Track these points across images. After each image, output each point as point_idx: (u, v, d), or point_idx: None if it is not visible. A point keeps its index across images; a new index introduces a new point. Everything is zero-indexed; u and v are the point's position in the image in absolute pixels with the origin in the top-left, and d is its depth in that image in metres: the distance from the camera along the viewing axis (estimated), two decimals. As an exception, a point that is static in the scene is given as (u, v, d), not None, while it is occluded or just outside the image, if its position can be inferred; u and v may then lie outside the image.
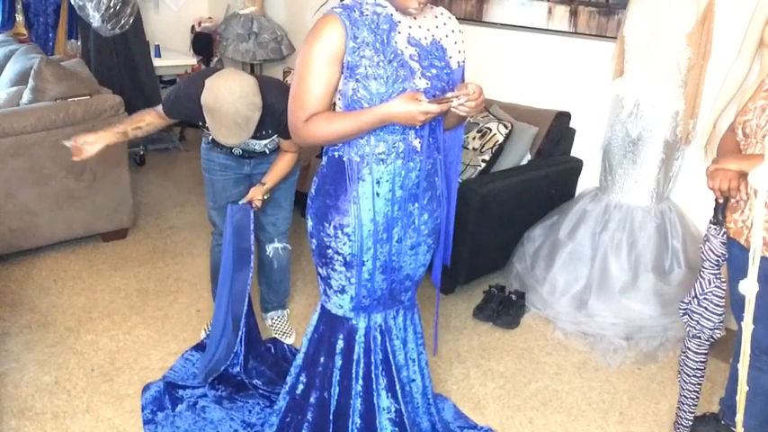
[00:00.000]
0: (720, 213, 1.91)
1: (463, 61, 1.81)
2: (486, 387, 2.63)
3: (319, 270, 1.90)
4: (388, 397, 1.95)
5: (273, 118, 2.28)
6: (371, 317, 1.90)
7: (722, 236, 1.93)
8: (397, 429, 1.97)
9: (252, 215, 2.41)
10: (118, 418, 2.33)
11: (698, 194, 3.16)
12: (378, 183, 1.74)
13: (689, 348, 2.10)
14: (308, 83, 1.65)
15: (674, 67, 2.90)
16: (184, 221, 4.03)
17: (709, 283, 1.97)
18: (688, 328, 2.07)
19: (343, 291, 1.85)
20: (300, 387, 2.01)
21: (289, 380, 2.06)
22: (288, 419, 2.06)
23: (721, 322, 2.01)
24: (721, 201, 1.89)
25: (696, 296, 2.01)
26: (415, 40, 1.68)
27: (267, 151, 2.48)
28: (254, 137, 2.32)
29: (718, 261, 1.96)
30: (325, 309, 1.93)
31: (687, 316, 2.07)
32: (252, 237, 2.40)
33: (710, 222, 1.95)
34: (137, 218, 3.91)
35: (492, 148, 3.35)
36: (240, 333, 2.41)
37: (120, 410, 2.38)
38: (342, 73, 1.65)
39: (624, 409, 2.53)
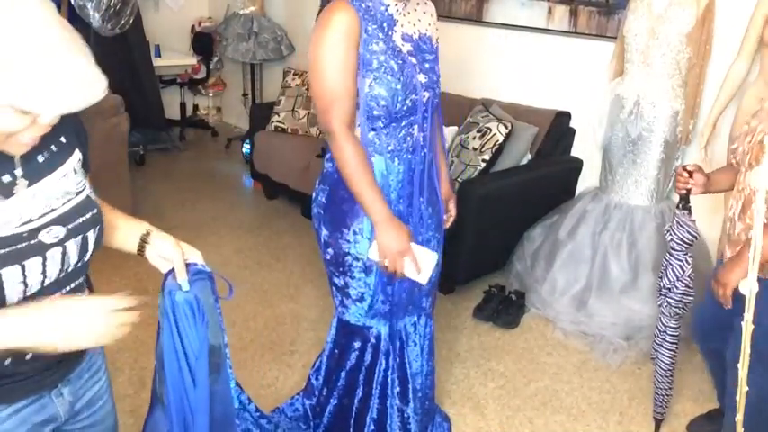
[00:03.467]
0: (685, 199, 2.07)
1: (437, 39, 1.80)
2: (486, 387, 2.63)
3: (335, 280, 1.84)
4: (399, 402, 1.94)
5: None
6: (391, 324, 1.88)
7: (690, 221, 2.05)
8: None
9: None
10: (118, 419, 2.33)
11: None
12: (390, 180, 1.73)
13: (668, 326, 2.19)
14: (332, 71, 1.57)
15: (674, 67, 2.90)
16: (184, 221, 4.03)
17: (687, 263, 2.08)
18: (670, 309, 2.16)
19: (362, 299, 1.82)
20: (322, 397, 2.00)
21: (309, 388, 2.06)
22: (301, 420, 2.07)
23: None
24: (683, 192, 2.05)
25: (678, 278, 2.10)
26: (408, 36, 1.69)
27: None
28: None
29: (688, 245, 2.07)
30: (343, 321, 1.89)
31: (666, 298, 2.15)
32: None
33: (678, 208, 2.08)
34: (136, 217, 3.91)
35: (492, 148, 3.35)
36: None
37: (119, 410, 2.37)
38: (357, 64, 1.60)
39: (624, 409, 2.53)
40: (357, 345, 1.89)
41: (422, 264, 1.69)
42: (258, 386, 2.55)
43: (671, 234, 2.08)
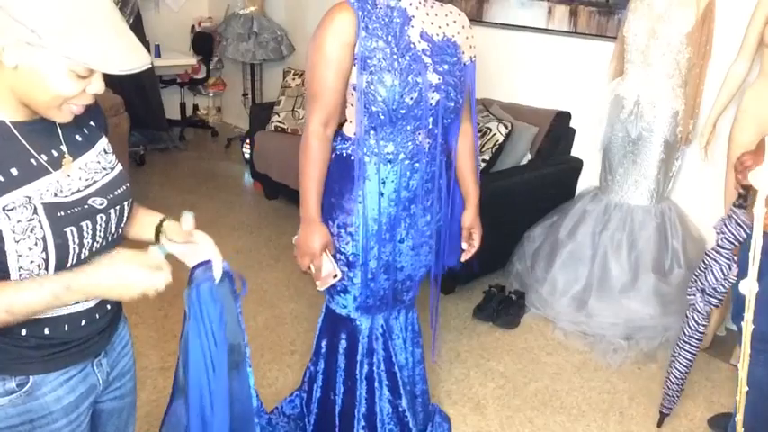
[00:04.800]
0: (744, 198, 1.93)
1: (474, 57, 1.81)
2: (486, 387, 2.63)
3: None
4: (391, 396, 1.95)
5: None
6: (375, 318, 1.90)
7: (748, 219, 1.94)
8: (399, 428, 1.97)
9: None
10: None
11: (698, 194, 3.16)
12: (383, 183, 1.73)
13: (699, 324, 2.18)
14: (320, 68, 1.63)
15: (674, 67, 2.90)
16: (184, 221, 4.02)
17: (735, 263, 2.02)
18: (708, 306, 2.12)
19: (345, 291, 1.85)
20: (309, 387, 2.02)
21: (303, 379, 2.08)
22: (300, 419, 2.07)
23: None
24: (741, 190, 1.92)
25: (725, 277, 2.04)
26: (428, 36, 1.68)
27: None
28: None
29: (739, 243, 2.00)
30: (329, 309, 1.93)
31: (706, 296, 2.10)
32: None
33: (734, 206, 1.97)
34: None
35: (492, 148, 3.35)
36: None
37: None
38: (354, 63, 1.63)
39: (624, 409, 2.53)
40: (340, 334, 1.91)
41: (323, 274, 1.78)
42: (258, 386, 2.52)
43: (723, 232, 1.99)
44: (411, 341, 2.04)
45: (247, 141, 4.74)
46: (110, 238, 1.16)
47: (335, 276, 1.79)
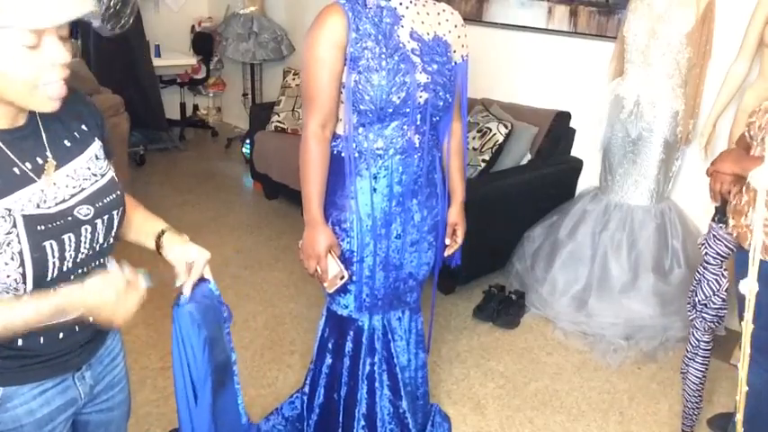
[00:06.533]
0: (721, 212, 1.93)
1: (467, 55, 1.82)
2: (486, 387, 2.63)
3: None
4: (392, 396, 1.95)
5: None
6: (376, 317, 1.89)
7: (727, 234, 1.93)
8: (399, 429, 1.97)
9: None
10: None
11: (698, 194, 3.16)
12: (375, 178, 1.74)
13: (701, 340, 2.14)
14: (313, 71, 1.66)
15: (674, 67, 2.90)
16: (184, 221, 4.03)
17: (723, 277, 2.01)
18: (704, 323, 2.09)
19: (345, 290, 1.84)
20: (311, 389, 2.02)
21: (305, 381, 2.07)
22: (298, 422, 2.08)
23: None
24: (717, 203, 1.91)
25: (715, 293, 2.03)
26: (418, 35, 1.69)
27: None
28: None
29: (723, 258, 1.98)
30: (331, 311, 1.92)
31: (701, 313, 2.08)
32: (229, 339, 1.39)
33: (713, 221, 1.97)
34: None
35: (492, 148, 3.35)
36: None
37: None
38: (345, 63, 1.65)
39: (624, 409, 2.53)
40: (342, 336, 1.90)
41: (330, 276, 1.77)
42: (258, 386, 2.56)
43: (706, 248, 1.99)
44: (415, 344, 2.04)
45: (247, 141, 4.75)
46: (97, 248, 1.11)
47: (342, 278, 1.78)
